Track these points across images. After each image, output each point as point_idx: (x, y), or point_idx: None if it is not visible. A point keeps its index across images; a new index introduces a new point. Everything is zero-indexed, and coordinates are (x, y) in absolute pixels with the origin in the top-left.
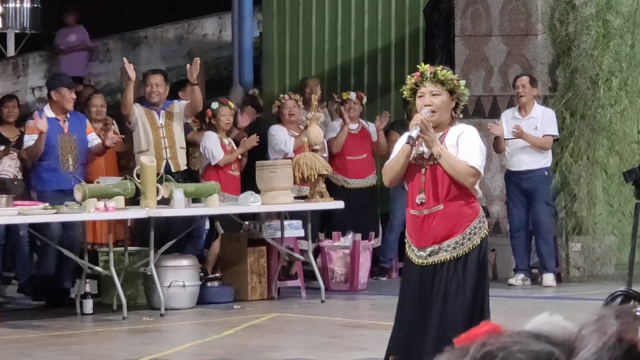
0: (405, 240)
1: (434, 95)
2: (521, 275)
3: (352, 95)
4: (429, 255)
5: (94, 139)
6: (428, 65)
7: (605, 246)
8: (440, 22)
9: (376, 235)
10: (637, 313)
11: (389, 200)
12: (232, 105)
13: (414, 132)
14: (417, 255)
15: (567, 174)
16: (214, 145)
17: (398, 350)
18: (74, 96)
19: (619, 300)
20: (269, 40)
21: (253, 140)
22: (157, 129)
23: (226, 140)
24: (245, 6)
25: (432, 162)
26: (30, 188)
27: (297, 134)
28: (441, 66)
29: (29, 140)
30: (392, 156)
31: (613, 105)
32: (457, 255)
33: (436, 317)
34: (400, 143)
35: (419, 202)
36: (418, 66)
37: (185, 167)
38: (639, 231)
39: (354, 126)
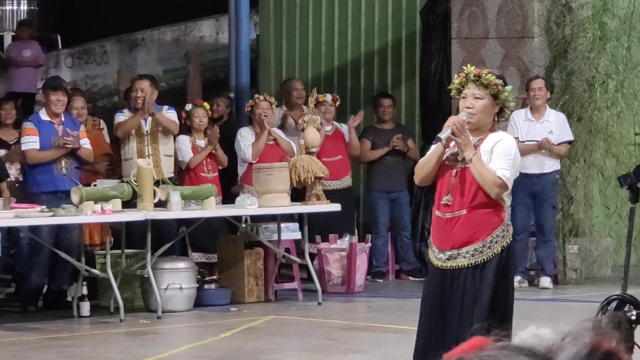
0: (428, 241)
1: (476, 98)
2: (518, 277)
3: (328, 97)
4: (448, 259)
5: (84, 144)
6: (474, 67)
7: (602, 248)
8: (436, 25)
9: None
10: (633, 317)
11: (369, 206)
12: (207, 106)
13: (445, 134)
14: (436, 257)
15: (564, 176)
16: (182, 148)
17: (419, 355)
18: (61, 98)
19: (614, 304)
20: (266, 43)
21: (215, 134)
22: (142, 137)
23: (201, 142)
24: (242, 8)
25: (464, 165)
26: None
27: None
28: (487, 70)
29: (27, 142)
30: (425, 155)
31: (609, 107)
32: (475, 262)
33: (453, 325)
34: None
35: (444, 204)
36: (464, 67)
37: (172, 175)
38: (633, 235)
39: (328, 128)
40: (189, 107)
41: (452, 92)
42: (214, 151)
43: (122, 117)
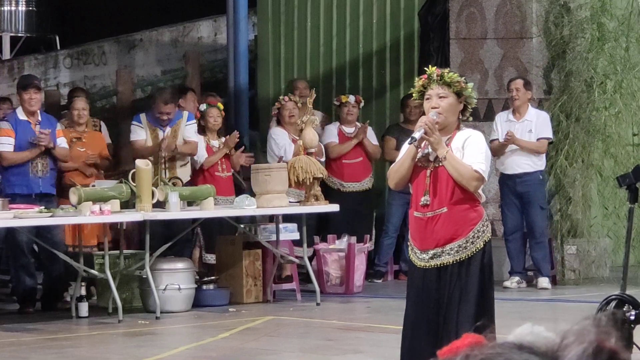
0: (408, 243)
1: (440, 97)
2: (516, 278)
3: (351, 98)
4: (432, 258)
5: (61, 144)
6: (435, 67)
7: (600, 249)
8: (435, 25)
9: (370, 239)
10: (631, 317)
11: (384, 204)
12: (220, 106)
13: (418, 134)
14: (419, 257)
15: (562, 176)
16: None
17: (407, 356)
18: (33, 96)
19: (613, 304)
20: (264, 43)
21: (234, 138)
22: (159, 145)
23: (215, 142)
24: (240, 9)
25: (437, 164)
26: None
27: (297, 138)
28: (448, 69)
29: (2, 143)
30: (397, 159)
31: (608, 108)
32: (460, 258)
33: (441, 323)
34: (406, 146)
35: (422, 204)
36: (426, 69)
37: (188, 179)
38: (632, 235)
39: (350, 129)
40: (203, 107)
41: (414, 96)
42: (229, 153)
43: (139, 130)
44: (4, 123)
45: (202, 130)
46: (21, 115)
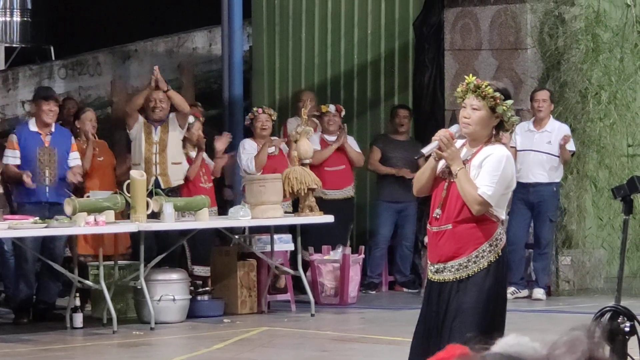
0: None
1: (473, 109)
2: (511, 289)
3: (331, 108)
4: (436, 272)
5: (75, 159)
6: (475, 77)
7: (595, 260)
8: (429, 36)
9: (345, 245)
10: (626, 328)
11: (367, 216)
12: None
13: (427, 148)
14: (429, 269)
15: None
16: None
17: None
18: (52, 108)
19: (607, 315)
20: (259, 54)
21: (227, 138)
22: (151, 145)
23: (194, 154)
24: (235, 20)
25: (452, 179)
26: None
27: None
28: (488, 82)
29: (7, 156)
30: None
31: (602, 119)
32: (459, 277)
33: (437, 338)
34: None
35: (435, 217)
36: (466, 77)
37: (182, 183)
38: (627, 246)
39: (332, 138)
40: (191, 119)
41: (459, 101)
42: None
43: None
44: (13, 136)
45: (188, 142)
46: (33, 126)
